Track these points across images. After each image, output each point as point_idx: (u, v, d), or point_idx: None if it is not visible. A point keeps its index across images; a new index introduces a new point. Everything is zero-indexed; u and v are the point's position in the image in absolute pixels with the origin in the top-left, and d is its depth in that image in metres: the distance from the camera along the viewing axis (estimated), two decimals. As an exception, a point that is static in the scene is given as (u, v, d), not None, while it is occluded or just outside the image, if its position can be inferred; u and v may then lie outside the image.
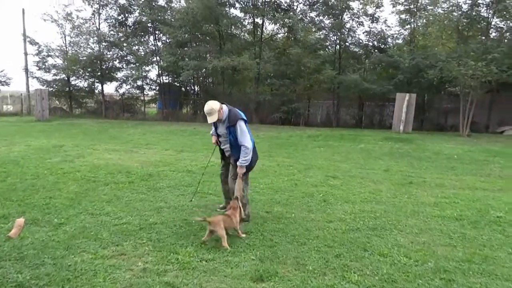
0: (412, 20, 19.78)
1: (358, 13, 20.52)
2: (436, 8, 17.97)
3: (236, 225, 4.02)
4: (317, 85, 20.65)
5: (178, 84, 25.13)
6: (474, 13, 16.97)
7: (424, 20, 19.02)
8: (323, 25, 21.17)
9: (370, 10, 20.67)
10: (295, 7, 21.57)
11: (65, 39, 23.63)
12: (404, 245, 3.96)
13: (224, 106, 4.45)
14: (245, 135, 4.36)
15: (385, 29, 20.87)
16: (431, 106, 20.66)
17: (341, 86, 20.00)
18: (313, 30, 21.58)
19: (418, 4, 19.36)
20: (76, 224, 4.33)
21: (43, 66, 23.52)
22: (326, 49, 22.37)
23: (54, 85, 24.00)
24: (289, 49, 20.66)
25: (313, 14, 21.39)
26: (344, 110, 22.01)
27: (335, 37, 21.20)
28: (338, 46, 21.56)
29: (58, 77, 23.95)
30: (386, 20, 24.58)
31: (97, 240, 3.87)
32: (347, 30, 20.67)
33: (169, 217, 4.66)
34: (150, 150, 10.30)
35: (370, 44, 21.23)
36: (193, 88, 26.08)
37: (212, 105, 4.31)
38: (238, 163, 4.38)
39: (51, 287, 2.94)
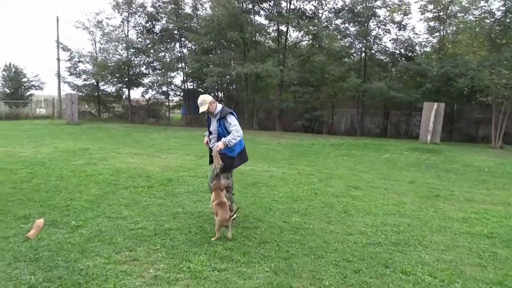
0: (442, 27, 19.21)
1: (384, 20, 20.17)
2: (467, 15, 17.39)
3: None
4: (341, 93, 20.38)
5: (202, 90, 25.39)
6: (508, 20, 16.27)
7: (454, 28, 18.46)
8: (348, 32, 20.92)
9: (397, 17, 20.30)
10: (320, 15, 21.45)
11: (95, 46, 24.52)
12: (429, 263, 3.72)
13: (218, 103, 4.69)
14: (236, 123, 4.51)
15: (413, 37, 20.41)
16: (461, 116, 19.91)
17: (366, 94, 19.64)
18: (338, 37, 21.35)
19: (448, 11, 18.80)
20: (92, 227, 4.34)
21: (74, 72, 24.46)
22: (351, 57, 22.08)
23: (84, 90, 24.86)
24: (313, 56, 20.55)
25: (338, 22, 21.22)
26: (369, 118, 21.57)
27: (360, 44, 20.88)
28: (363, 54, 21.21)
29: (88, 82, 24.83)
30: (414, 27, 24.12)
31: (111, 244, 3.86)
32: (373, 37, 20.32)
33: (185, 223, 4.61)
34: (171, 155, 10.37)
35: (397, 52, 20.77)
36: (217, 94, 26.28)
37: (204, 97, 4.62)
38: (222, 140, 4.39)
39: (62, 291, 2.92)
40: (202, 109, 4.56)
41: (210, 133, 4.79)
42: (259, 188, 6.72)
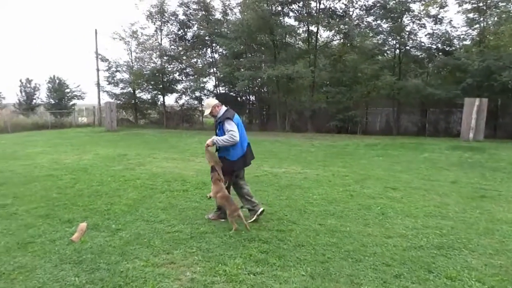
0: (482, 19, 18.21)
1: (419, 15, 19.42)
2: (510, 4, 16.38)
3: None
4: (375, 91, 19.84)
5: (234, 94, 25.67)
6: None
7: (496, 18, 17.45)
8: (381, 29, 20.33)
9: (433, 11, 19.45)
10: (350, 13, 21.06)
11: (131, 55, 25.44)
12: (476, 267, 3.51)
13: (223, 107, 4.89)
14: (231, 128, 4.59)
15: (450, 30, 19.48)
16: (506, 112, 18.74)
17: (402, 92, 18.99)
18: (370, 35, 20.81)
19: (488, 1, 17.80)
20: (131, 230, 4.47)
21: (112, 81, 25.51)
22: (385, 54, 21.46)
23: (122, 98, 25.88)
24: (345, 55, 20.20)
25: (370, 19, 20.70)
26: (405, 117, 20.82)
27: (394, 41, 20.24)
28: (397, 51, 20.55)
29: (125, 91, 25.82)
30: (451, 20, 23.06)
31: (149, 247, 3.95)
32: (407, 33, 19.64)
33: (220, 226, 4.64)
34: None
35: (434, 46, 19.91)
36: (248, 97, 26.48)
37: (208, 101, 4.96)
38: (213, 137, 4.69)
39: (104, 292, 3.02)
40: (206, 112, 4.90)
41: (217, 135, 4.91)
42: (293, 190, 6.66)
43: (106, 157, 10.63)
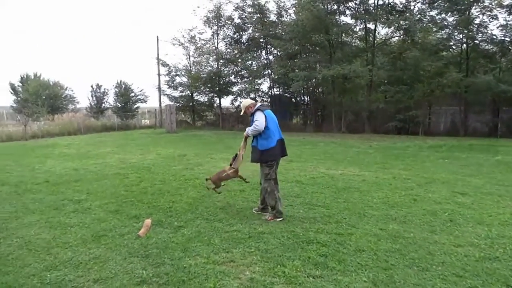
0: None
1: (490, 5, 17.83)
2: None
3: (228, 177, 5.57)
4: (439, 90, 18.57)
5: (288, 95, 25.62)
6: None
7: None
8: (445, 23, 18.98)
9: (507, 0, 17.77)
10: (412, 7, 19.96)
11: (189, 60, 26.50)
12: None
13: (257, 104, 5.26)
14: (258, 118, 4.96)
15: (528, 20, 17.62)
16: None
17: (470, 89, 17.62)
18: (434, 29, 19.54)
19: None
20: (192, 228, 4.65)
21: (172, 84, 26.78)
22: (450, 50, 20.01)
23: (181, 101, 27.05)
24: (405, 52, 19.23)
25: (433, 13, 19.41)
26: (474, 116, 19.22)
27: (460, 35, 18.81)
28: (464, 45, 19.07)
29: (183, 94, 26.97)
30: (529, 9, 20.83)
31: (209, 245, 4.08)
32: (476, 26, 18.12)
33: (277, 227, 4.65)
34: (260, 159, 10.61)
35: (507, 39, 18.15)
36: (303, 98, 26.27)
37: (244, 102, 5.35)
38: (246, 131, 5.16)
39: (168, 286, 3.17)
40: (242, 112, 5.38)
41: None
42: (351, 193, 6.47)
43: (167, 157, 11.17)
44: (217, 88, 25.88)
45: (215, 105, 27.74)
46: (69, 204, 5.91)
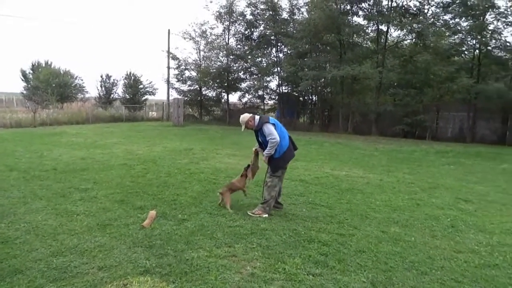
0: None
1: (506, 12, 17.63)
2: None
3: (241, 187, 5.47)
4: (448, 95, 18.46)
5: (297, 94, 25.59)
6: None
7: None
8: (459, 28, 18.82)
9: (523, 7, 17.55)
10: (425, 11, 19.83)
11: (199, 54, 26.55)
12: (562, 294, 3.16)
13: (256, 117, 5.18)
14: (271, 131, 4.93)
15: (543, 29, 17.42)
16: None
17: (480, 96, 17.50)
18: (447, 34, 19.38)
19: None
20: (196, 221, 4.72)
21: (181, 78, 26.85)
22: (462, 55, 19.84)
23: (189, 95, 27.14)
24: (416, 56, 19.09)
25: (447, 17, 19.28)
26: (483, 123, 19.06)
27: (474, 41, 18.64)
28: (477, 51, 18.90)
29: (192, 88, 27.05)
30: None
31: (212, 239, 4.14)
32: (490, 32, 17.95)
33: (279, 224, 4.70)
34: (266, 157, 10.66)
35: (521, 47, 17.98)
36: (311, 97, 26.23)
37: (242, 118, 5.23)
38: (263, 153, 5.07)
39: (171, 276, 3.24)
40: (242, 128, 5.26)
41: (261, 144, 5.28)
42: (355, 194, 6.50)
43: (173, 150, 11.27)
44: (226, 84, 25.94)
45: (223, 100, 27.80)
46: (75, 192, 6.01)
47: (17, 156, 9.32)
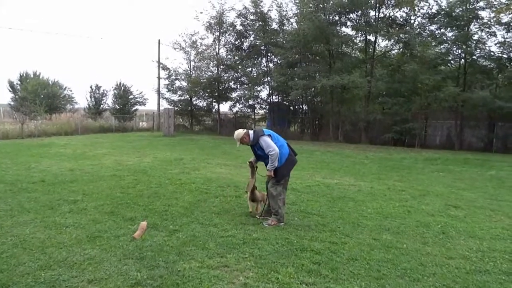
0: None
1: (489, 22, 18.12)
2: None
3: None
4: (436, 103, 18.76)
5: (287, 103, 25.75)
6: None
7: None
8: (444, 38, 19.26)
9: (505, 18, 18.05)
10: (412, 21, 20.24)
11: (189, 64, 26.61)
12: (552, 299, 3.20)
13: (250, 132, 5.15)
14: (269, 144, 4.93)
15: (526, 39, 17.88)
16: None
17: (466, 104, 17.82)
18: (433, 44, 19.81)
19: None
20: (187, 232, 4.67)
21: (171, 88, 26.86)
22: (448, 64, 20.26)
23: (179, 105, 27.12)
24: (404, 65, 19.42)
25: (433, 27, 19.71)
26: (469, 131, 19.40)
27: (459, 50, 19.08)
28: (463, 60, 19.32)
29: (183, 98, 27.06)
30: (527, 28, 21.16)
31: (204, 249, 4.10)
32: (474, 42, 18.40)
33: (272, 234, 4.68)
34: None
35: (505, 56, 18.42)
36: (301, 107, 26.41)
37: (236, 135, 5.17)
38: (267, 168, 5.06)
39: (162, 288, 3.19)
40: (238, 144, 5.22)
41: (258, 157, 5.30)
42: (346, 202, 6.53)
43: (164, 161, 11.19)
44: (216, 94, 25.98)
45: (214, 110, 27.82)
46: (64, 204, 5.91)
47: (4, 168, 9.15)
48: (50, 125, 22.38)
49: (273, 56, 24.74)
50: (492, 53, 18.48)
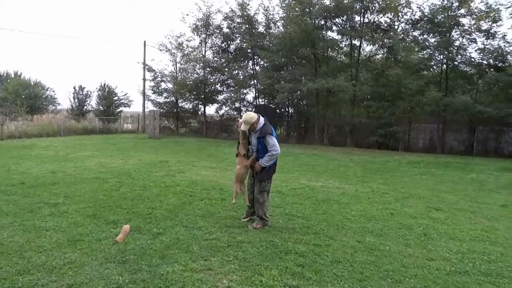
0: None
1: (469, 29, 18.62)
2: None
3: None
4: (419, 107, 19.15)
5: (273, 106, 25.80)
6: None
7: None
8: (427, 44, 19.72)
9: (485, 25, 18.58)
10: (396, 27, 20.65)
11: (176, 66, 26.44)
12: (528, 298, 3.29)
13: (262, 119, 5.05)
14: (275, 144, 4.90)
15: (504, 45, 18.42)
16: None
17: (448, 108, 18.23)
18: (416, 49, 20.24)
19: (548, 15, 16.75)
20: (171, 235, 4.63)
21: (157, 90, 26.61)
22: (431, 69, 20.72)
23: (165, 107, 26.89)
24: (388, 70, 19.75)
25: (416, 33, 20.16)
26: (451, 135, 19.86)
27: (441, 56, 19.54)
28: (445, 66, 19.79)
29: (168, 100, 26.83)
30: (505, 35, 21.72)
31: (188, 252, 4.07)
32: (455, 48, 18.88)
33: (256, 236, 4.68)
34: (243, 169, 10.64)
35: (485, 62, 18.95)
36: (287, 110, 26.52)
37: (248, 118, 4.95)
38: (260, 161, 4.95)
39: (145, 293, 3.15)
40: (245, 127, 4.96)
41: (249, 143, 5.21)
42: (331, 205, 6.57)
43: (148, 163, 11.07)
44: (203, 96, 25.88)
45: (200, 112, 27.68)
46: (44, 207, 5.78)
47: (-18, 170, 8.89)
48: (32, 126, 21.88)
49: (259, 59, 24.79)
50: (472, 59, 19.01)
